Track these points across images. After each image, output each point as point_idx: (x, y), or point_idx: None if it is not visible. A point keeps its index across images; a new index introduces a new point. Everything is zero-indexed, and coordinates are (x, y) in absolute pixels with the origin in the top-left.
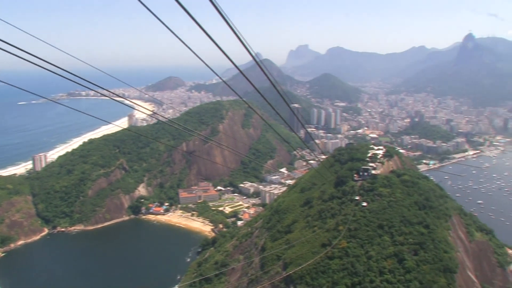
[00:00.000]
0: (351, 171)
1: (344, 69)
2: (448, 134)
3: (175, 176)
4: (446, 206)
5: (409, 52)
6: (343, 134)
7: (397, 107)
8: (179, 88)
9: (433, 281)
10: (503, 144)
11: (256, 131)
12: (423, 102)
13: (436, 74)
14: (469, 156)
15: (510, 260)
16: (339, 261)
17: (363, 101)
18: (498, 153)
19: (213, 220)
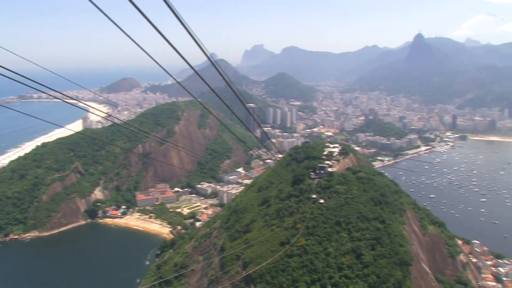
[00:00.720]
0: (307, 169)
1: (299, 69)
2: (401, 131)
3: (132, 179)
4: (400, 201)
5: (363, 51)
6: (299, 133)
7: (352, 105)
8: (134, 89)
9: (390, 275)
10: (453, 139)
11: (213, 131)
12: (377, 100)
13: (388, 73)
14: (421, 152)
15: (460, 250)
16: (298, 259)
17: (318, 100)
18: (448, 149)
19: (171, 222)
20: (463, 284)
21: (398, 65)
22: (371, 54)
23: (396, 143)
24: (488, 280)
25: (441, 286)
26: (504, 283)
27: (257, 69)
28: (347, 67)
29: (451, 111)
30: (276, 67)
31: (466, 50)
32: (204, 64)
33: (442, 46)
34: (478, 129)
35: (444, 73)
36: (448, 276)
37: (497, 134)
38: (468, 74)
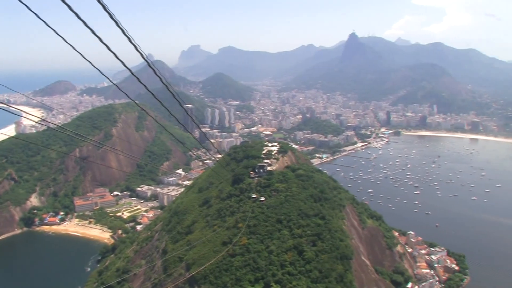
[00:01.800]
0: (247, 169)
1: (236, 68)
2: (338, 128)
3: (69, 184)
4: (339, 197)
5: (299, 50)
6: (237, 132)
7: (289, 104)
8: (69, 92)
9: (332, 269)
10: (387, 135)
11: (151, 133)
12: (314, 98)
13: (324, 71)
14: (358, 148)
15: (396, 241)
16: (241, 258)
17: (256, 99)
18: (383, 144)
19: (111, 227)
20: (400, 273)
21: (334, 63)
22: (307, 53)
23: (333, 140)
24: (422, 268)
25: (380, 277)
26: (436, 269)
27: (194, 70)
28: (284, 66)
29: (385, 108)
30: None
31: (397, 49)
32: (141, 65)
33: (375, 45)
34: (411, 125)
35: (377, 71)
36: (387, 267)
37: (427, 129)
38: (400, 72)
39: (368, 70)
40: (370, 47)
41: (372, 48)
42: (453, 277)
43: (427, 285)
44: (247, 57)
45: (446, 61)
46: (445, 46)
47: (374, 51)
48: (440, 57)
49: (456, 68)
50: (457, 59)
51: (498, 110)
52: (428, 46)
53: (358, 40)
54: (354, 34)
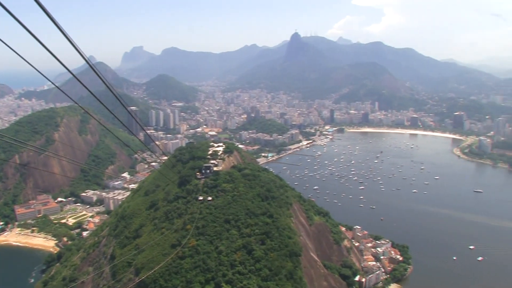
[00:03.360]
0: (193, 170)
1: (180, 69)
2: (283, 127)
3: (9, 192)
4: (286, 195)
5: (242, 50)
6: (182, 133)
7: (234, 104)
8: (6, 96)
9: (281, 266)
10: (331, 133)
11: (94, 137)
12: (258, 97)
13: (268, 71)
14: (303, 146)
15: (343, 236)
16: (191, 260)
17: (201, 100)
18: (327, 142)
19: (56, 234)
20: (348, 267)
21: (277, 63)
22: (251, 53)
23: (278, 139)
24: (369, 261)
25: (329, 272)
26: (382, 261)
27: (138, 71)
28: (227, 66)
29: (329, 106)
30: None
31: (339, 48)
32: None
33: (317, 44)
34: (354, 122)
35: (320, 70)
36: (335, 261)
37: (370, 125)
38: (342, 71)
39: (311, 69)
40: (312, 47)
41: (314, 47)
42: (398, 267)
43: (374, 277)
44: (190, 58)
45: (385, 59)
46: (384, 45)
47: (317, 50)
48: (380, 55)
49: (395, 66)
50: (395, 57)
51: (434, 106)
52: (368, 45)
53: (301, 40)
54: (297, 34)
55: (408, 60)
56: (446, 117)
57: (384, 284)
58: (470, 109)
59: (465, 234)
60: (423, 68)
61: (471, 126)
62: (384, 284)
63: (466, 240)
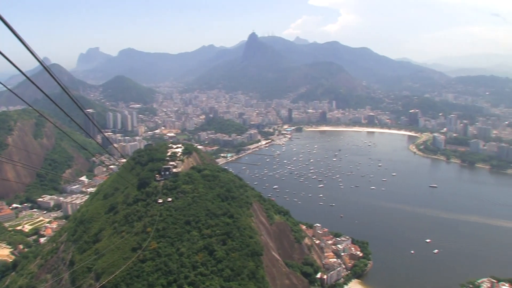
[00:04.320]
0: (152, 172)
1: (137, 71)
2: (241, 127)
3: None
4: (246, 195)
5: (200, 51)
6: (140, 135)
7: (192, 105)
8: None
9: (243, 266)
10: (290, 132)
11: (50, 140)
12: (216, 98)
13: (226, 71)
14: (262, 146)
15: (304, 234)
16: (152, 263)
17: (158, 101)
18: (286, 141)
19: (11, 242)
20: (309, 265)
21: (235, 63)
22: (209, 53)
23: (237, 139)
24: (330, 258)
25: (290, 270)
26: (343, 257)
27: (94, 73)
28: (185, 67)
29: (287, 105)
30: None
31: (296, 48)
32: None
33: (275, 44)
34: (312, 121)
35: (277, 69)
36: (296, 259)
37: (328, 124)
38: (299, 70)
39: (268, 69)
40: (270, 47)
41: (272, 47)
42: (358, 263)
43: (335, 273)
44: (148, 59)
45: (342, 59)
46: (341, 45)
47: (274, 50)
48: (336, 55)
49: (351, 66)
50: (352, 57)
51: (390, 104)
52: (325, 45)
53: (258, 40)
54: (254, 34)
55: (364, 59)
56: (402, 114)
57: (345, 280)
58: (424, 106)
59: (421, 228)
60: (378, 67)
61: (425, 123)
62: (345, 280)
63: (423, 234)
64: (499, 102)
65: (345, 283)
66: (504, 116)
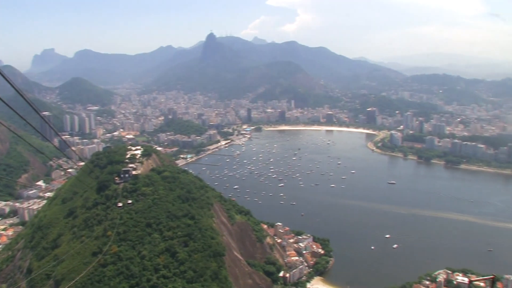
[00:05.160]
0: (111, 175)
1: (95, 72)
2: (201, 128)
3: None
4: (207, 196)
5: (158, 51)
6: (99, 138)
7: (150, 106)
8: None
9: (206, 267)
10: (249, 132)
11: (4, 144)
12: (175, 99)
13: (184, 72)
14: (222, 146)
15: (266, 234)
16: (113, 267)
17: (117, 103)
18: (246, 141)
19: None
20: (272, 264)
21: (193, 64)
22: (167, 54)
23: (197, 139)
24: (292, 256)
25: (253, 269)
26: (304, 255)
27: (50, 75)
28: (143, 68)
29: (246, 105)
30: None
31: (254, 48)
32: None
33: (233, 44)
34: (271, 120)
35: (236, 70)
36: (259, 259)
37: (287, 123)
38: (258, 70)
39: (227, 69)
40: (228, 47)
41: (230, 47)
42: (320, 260)
43: (298, 272)
44: (105, 60)
45: (300, 58)
46: (299, 45)
47: (232, 50)
48: (294, 54)
49: (309, 65)
50: (309, 56)
51: (348, 103)
52: (283, 44)
53: (216, 40)
54: (212, 34)
55: (321, 58)
56: (360, 113)
57: (308, 278)
58: (381, 105)
59: (381, 224)
60: (336, 66)
61: (382, 121)
62: (307, 277)
63: (382, 229)
64: (452, 99)
65: (307, 281)
66: (456, 113)
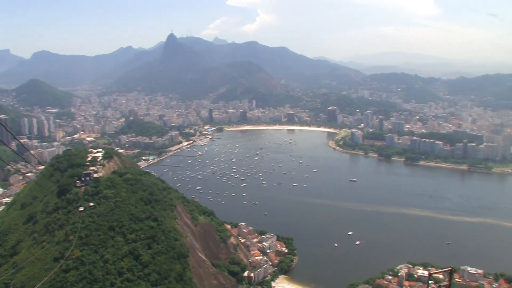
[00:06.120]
0: (72, 178)
1: (53, 74)
2: (162, 129)
3: None
4: (170, 197)
5: (118, 52)
6: (59, 141)
7: (111, 108)
8: None
9: (170, 269)
10: (211, 132)
11: None
12: (135, 100)
13: (145, 73)
14: (183, 147)
15: (229, 234)
16: (76, 272)
17: (76, 105)
18: (208, 141)
19: None
20: (236, 264)
21: (154, 65)
22: (127, 55)
23: (158, 141)
24: (256, 256)
25: (218, 270)
26: (268, 255)
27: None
28: (103, 69)
29: (207, 105)
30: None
31: (215, 48)
32: None
33: (194, 45)
34: (232, 120)
35: (197, 70)
36: (223, 259)
37: (248, 123)
38: (219, 70)
39: (188, 70)
40: (189, 47)
41: (191, 48)
42: (284, 259)
43: (262, 271)
44: (64, 61)
45: (260, 58)
46: (259, 45)
47: (193, 51)
48: (255, 55)
49: (270, 65)
50: (270, 56)
51: (308, 102)
52: (243, 44)
53: (177, 41)
54: (173, 35)
55: (282, 58)
56: (321, 112)
57: (272, 277)
58: (341, 103)
59: (344, 222)
60: (297, 66)
61: (343, 120)
62: (272, 276)
63: (345, 227)
64: (410, 98)
65: (272, 280)
66: (415, 111)
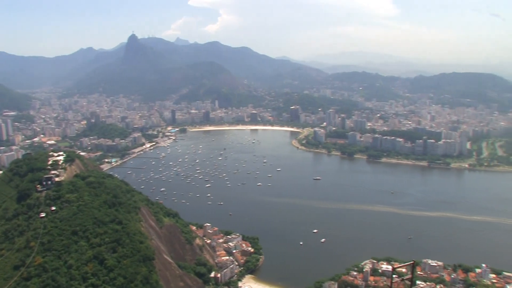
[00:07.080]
0: (33, 183)
1: (10, 76)
2: (125, 131)
3: None
4: (134, 200)
5: (78, 53)
6: (17, 145)
7: (72, 110)
8: None
9: (136, 273)
10: (174, 133)
11: None
12: (97, 102)
13: (106, 74)
14: (147, 149)
15: (195, 235)
16: (38, 280)
17: (36, 107)
18: (171, 143)
19: None
20: (202, 265)
21: (115, 66)
22: (87, 56)
23: (121, 143)
24: (222, 256)
25: (184, 271)
26: (234, 255)
27: None
28: (63, 71)
29: (170, 106)
30: None
31: (177, 49)
32: None
33: (155, 45)
34: (195, 121)
35: (159, 71)
36: (189, 261)
37: (211, 124)
38: (181, 71)
39: (150, 71)
40: (150, 48)
41: (152, 48)
42: (250, 258)
43: (229, 271)
44: (21, 62)
45: (223, 58)
46: (221, 45)
47: (155, 51)
48: (217, 55)
49: (232, 65)
50: (232, 56)
51: (271, 101)
52: (205, 45)
53: (139, 41)
54: (134, 36)
55: (244, 58)
56: (283, 111)
57: (239, 277)
58: (304, 103)
59: (308, 220)
60: (259, 65)
61: (306, 119)
62: (238, 276)
63: (310, 225)
64: (371, 96)
65: (239, 280)
66: (376, 109)
